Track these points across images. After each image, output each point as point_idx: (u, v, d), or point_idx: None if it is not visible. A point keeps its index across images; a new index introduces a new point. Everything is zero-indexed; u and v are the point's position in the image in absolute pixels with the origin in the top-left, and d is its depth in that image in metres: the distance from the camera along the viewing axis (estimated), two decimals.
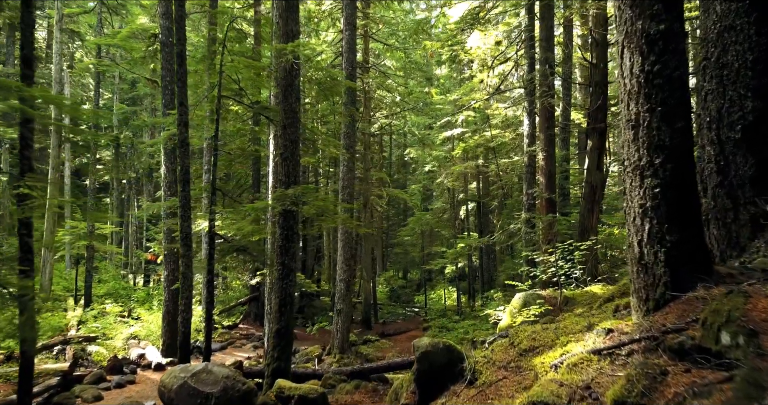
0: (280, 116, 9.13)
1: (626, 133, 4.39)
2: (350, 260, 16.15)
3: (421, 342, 6.07)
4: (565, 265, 10.81)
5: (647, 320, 3.95)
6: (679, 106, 4.13)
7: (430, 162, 26.54)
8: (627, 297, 7.31)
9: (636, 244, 4.27)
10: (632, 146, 4.30)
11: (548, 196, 14.45)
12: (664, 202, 4.10)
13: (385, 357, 16.95)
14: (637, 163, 4.26)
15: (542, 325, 6.21)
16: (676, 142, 4.10)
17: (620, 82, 4.51)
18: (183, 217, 10.23)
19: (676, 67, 4.14)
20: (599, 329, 4.27)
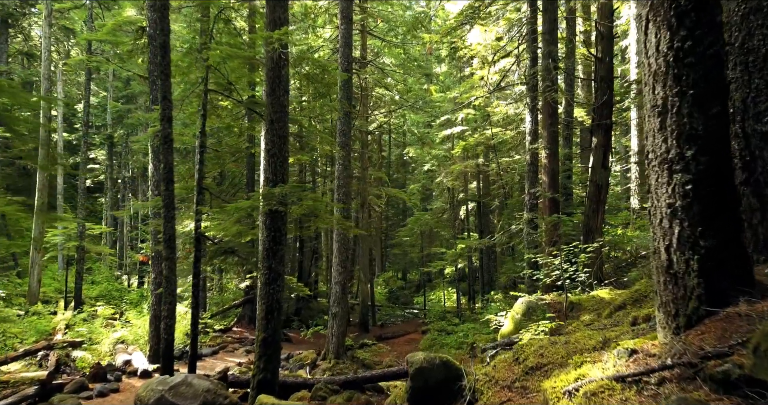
0: (267, 110, 8.52)
1: (651, 121, 3.77)
2: (346, 262, 15.53)
3: (415, 357, 5.45)
4: (570, 268, 10.18)
5: (679, 341, 3.33)
6: (713, 89, 3.51)
7: (429, 161, 25.93)
8: (642, 305, 6.69)
9: (663, 250, 3.65)
10: (658, 136, 3.69)
11: (551, 196, 13.83)
12: (696, 201, 3.49)
13: (382, 362, 16.35)
14: (664, 156, 3.64)
15: (550, 338, 5.59)
16: (711, 131, 3.49)
17: (644, 62, 3.89)
18: (166, 217, 9.62)
19: (711, 43, 3.52)
20: (621, 350, 3.64)
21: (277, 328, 8.29)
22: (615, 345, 3.99)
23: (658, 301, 3.76)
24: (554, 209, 13.94)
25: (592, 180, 13.80)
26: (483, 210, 26.47)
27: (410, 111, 26.38)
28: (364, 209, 21.81)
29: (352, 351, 16.66)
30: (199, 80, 10.89)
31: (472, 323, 18.82)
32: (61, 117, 25.97)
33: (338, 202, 15.51)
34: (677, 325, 3.55)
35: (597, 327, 5.76)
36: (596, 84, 13.71)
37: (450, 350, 16.85)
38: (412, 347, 19.39)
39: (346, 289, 15.53)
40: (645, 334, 4.19)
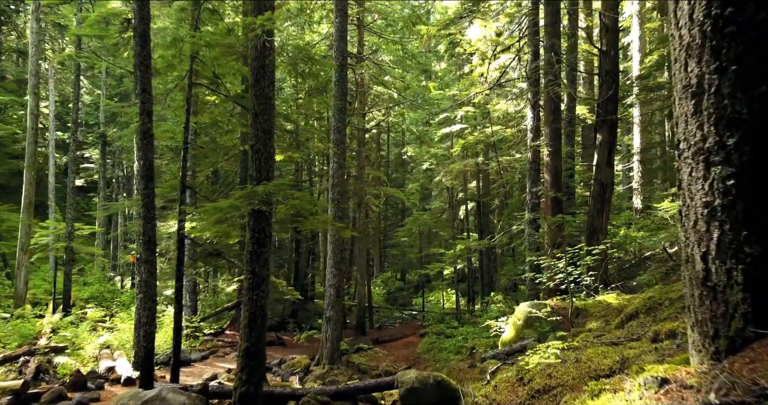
0: (251, 103, 7.90)
1: (683, 105, 3.15)
2: (341, 264, 14.92)
3: (406, 376, 4.85)
4: (574, 271, 9.57)
5: (722, 370, 2.71)
6: (761, 63, 2.89)
7: (427, 160, 25.31)
8: (656, 315, 6.08)
9: (699, 258, 3.03)
10: (692, 122, 3.07)
11: (554, 195, 13.21)
12: (740, 199, 2.87)
13: (378, 367, 15.72)
14: (700, 146, 3.02)
15: (557, 352, 4.97)
16: (758, 114, 2.86)
17: (673, 35, 3.28)
18: (146, 217, 9.00)
19: (758, 7, 2.90)
20: (648, 378, 3.02)
21: (261, 337, 7.67)
22: (637, 368, 3.38)
23: (691, 319, 3.14)
24: (557, 209, 13.33)
25: (596, 178, 13.20)
26: (483, 210, 25.85)
27: (409, 109, 25.76)
28: (361, 209, 21.20)
29: (347, 356, 16.04)
30: (184, 73, 10.28)
31: (471, 326, 18.20)
32: (52, 115, 25.34)
33: (333, 201, 14.90)
34: (716, 349, 2.93)
35: (609, 340, 5.15)
36: (601, 78, 13.11)
37: (448, 355, 16.24)
38: (410, 351, 18.77)
39: (341, 291, 14.92)
40: (672, 355, 3.57)
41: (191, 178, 17.24)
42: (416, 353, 18.29)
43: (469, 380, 7.10)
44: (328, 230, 14.96)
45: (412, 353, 18.41)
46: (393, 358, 17.38)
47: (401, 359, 17.45)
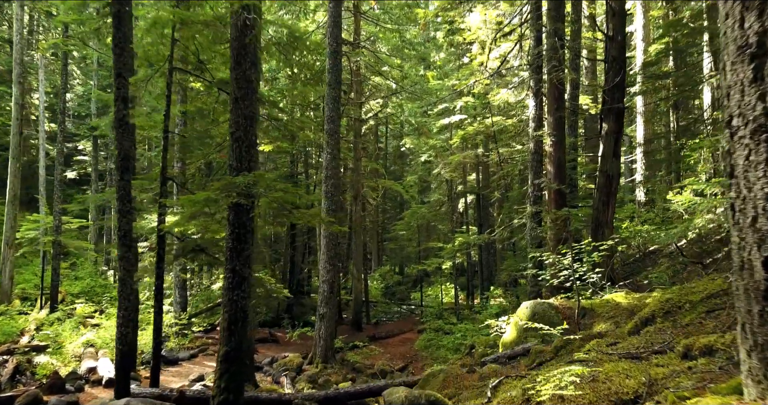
0: (231, 87, 7.23)
1: (737, 71, 2.48)
2: (335, 259, 14.28)
3: (394, 394, 4.26)
4: (580, 267, 8.91)
5: None
6: None
7: (426, 151, 24.61)
8: (675, 319, 5.44)
9: (759, 264, 2.38)
10: (750, 92, 2.40)
11: (557, 188, 12.55)
12: None
13: (374, 365, 15.12)
14: (761, 122, 2.36)
15: (566, 366, 4.32)
16: None
17: None
18: (121, 211, 8.35)
19: None
20: None
21: (241, 341, 7.03)
22: (673, 398, 2.73)
23: (747, 341, 2.48)
24: (561, 202, 12.67)
25: (601, 170, 12.53)
26: (483, 203, 25.19)
27: (407, 99, 25.01)
28: (358, 202, 20.54)
29: (341, 353, 15.45)
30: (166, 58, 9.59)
31: (470, 323, 17.58)
32: (42, 106, 24.61)
33: (327, 194, 14.24)
34: None
35: (627, 351, 4.50)
36: (607, 64, 12.40)
37: (446, 353, 15.65)
38: (407, 348, 18.18)
39: (335, 288, 14.30)
40: (714, 380, 2.92)
41: (180, 170, 16.57)
42: (413, 350, 17.69)
43: (467, 390, 6.47)
44: (321, 225, 14.33)
45: (409, 350, 17.82)
46: (389, 355, 16.79)
47: (398, 357, 16.85)
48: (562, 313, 8.64)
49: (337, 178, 14.48)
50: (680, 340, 4.63)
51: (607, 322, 7.74)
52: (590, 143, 21.19)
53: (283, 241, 28.08)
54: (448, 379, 7.39)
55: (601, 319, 8.07)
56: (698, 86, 17.86)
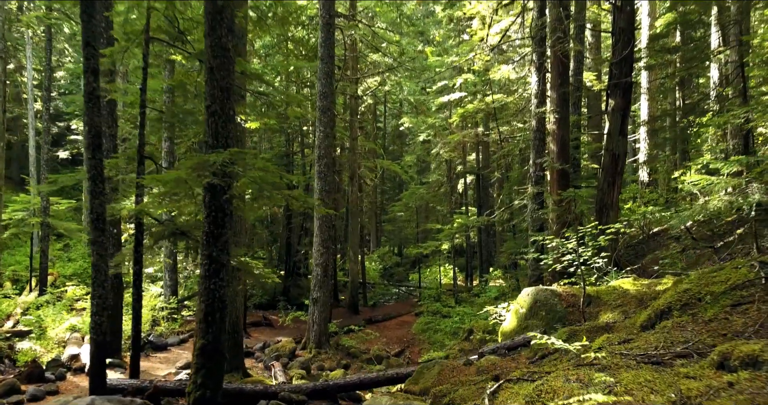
0: (206, 55, 6.53)
1: None
2: (328, 242, 13.69)
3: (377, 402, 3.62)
4: (585, 251, 8.30)
5: None
6: None
7: (425, 131, 23.86)
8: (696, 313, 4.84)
9: None
10: None
11: (561, 167, 11.90)
12: None
13: (369, 350, 14.65)
14: None
15: (575, 370, 3.73)
16: None
17: None
18: (93, 192, 7.71)
19: None
20: None
21: (219, 334, 6.45)
22: None
23: None
24: (563, 183, 12.03)
25: (607, 149, 11.88)
26: (482, 183, 24.54)
27: (405, 78, 24.18)
28: (354, 182, 19.90)
29: (336, 337, 14.98)
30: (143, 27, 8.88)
31: (468, 306, 17.10)
32: (30, 84, 23.80)
33: (319, 174, 13.61)
34: None
35: (645, 352, 3.91)
36: (615, 36, 11.64)
37: (444, 337, 15.19)
38: (404, 331, 17.72)
39: (329, 271, 13.75)
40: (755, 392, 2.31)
41: (168, 149, 15.90)
42: (410, 334, 17.24)
43: (463, 386, 5.91)
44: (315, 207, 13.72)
45: (406, 334, 17.37)
46: (386, 339, 16.33)
47: (395, 341, 16.40)
48: (566, 300, 8.06)
49: (331, 158, 13.82)
50: (704, 338, 4.04)
51: (615, 311, 7.16)
52: (593, 122, 20.46)
53: (279, 221, 27.52)
54: (443, 373, 6.85)
55: (607, 307, 7.49)
56: (706, 62, 17.06)
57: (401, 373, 7.88)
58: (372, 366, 13.27)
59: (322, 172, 13.56)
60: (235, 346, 10.83)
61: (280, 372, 11.56)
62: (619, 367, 3.54)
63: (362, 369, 13.17)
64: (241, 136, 10.87)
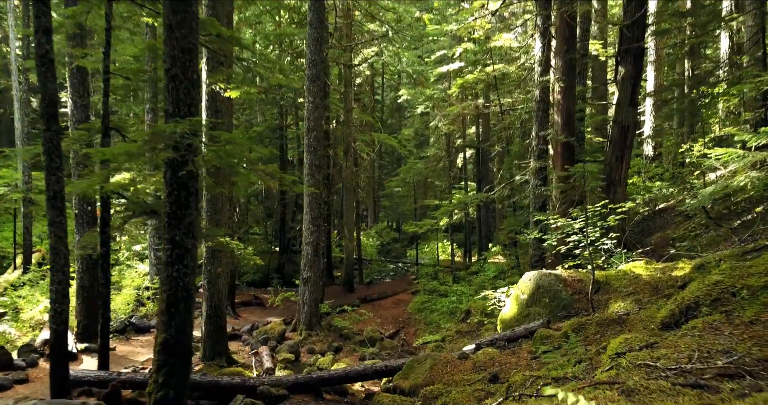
0: (164, 12, 5.64)
1: None
2: (318, 219, 12.92)
3: None
4: (593, 232, 7.53)
5: None
6: None
7: (423, 103, 22.85)
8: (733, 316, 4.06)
9: None
10: None
11: (566, 140, 11.04)
12: None
13: (362, 331, 14.01)
14: None
15: (590, 389, 2.99)
16: None
17: None
18: (49, 168, 6.90)
19: None
20: None
21: (185, 326, 5.72)
22: None
23: None
24: (568, 157, 11.20)
25: (616, 120, 11.03)
26: (482, 157, 23.65)
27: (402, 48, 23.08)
28: (349, 157, 19.03)
29: (329, 318, 14.33)
30: None
31: (466, 285, 16.42)
32: (14, 53, 22.69)
33: (309, 148, 12.76)
34: None
35: (678, 366, 3.15)
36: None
37: (440, 318, 14.55)
38: (400, 311, 17.09)
39: (320, 250, 13.02)
40: None
41: (151, 121, 15.02)
42: (406, 313, 16.61)
43: (457, 386, 5.20)
44: (305, 181, 12.92)
45: (401, 313, 16.74)
46: (380, 319, 15.70)
47: (389, 321, 15.77)
48: (571, 286, 7.32)
49: (321, 130, 12.95)
50: (749, 347, 3.28)
51: (627, 299, 6.42)
52: (598, 93, 19.50)
53: (275, 197, 26.73)
54: (436, 368, 6.15)
55: (618, 295, 6.75)
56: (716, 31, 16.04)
57: (390, 366, 7.18)
58: (364, 349, 12.64)
59: (311, 145, 12.71)
60: (218, 331, 10.18)
61: (267, 357, 10.92)
62: (650, 391, 2.79)
63: (354, 352, 12.56)
64: (221, 106, 10.01)
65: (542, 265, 11.16)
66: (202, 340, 10.24)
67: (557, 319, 6.91)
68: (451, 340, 12.68)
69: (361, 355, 12.26)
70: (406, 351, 12.84)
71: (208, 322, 10.09)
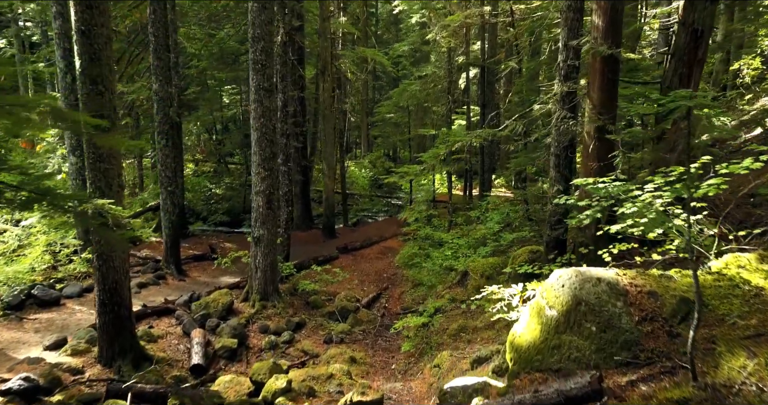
0: None
1: None
2: (271, 161, 9.63)
3: None
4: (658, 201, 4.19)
5: None
6: None
7: (418, 11, 18.67)
8: None
9: None
10: None
11: (609, 52, 7.45)
12: None
13: (335, 297, 11.15)
14: None
15: None
16: None
17: None
18: None
19: None
20: None
21: None
22: None
23: None
24: (611, 78, 7.66)
25: (684, 22, 7.45)
26: (488, 78, 19.80)
27: None
28: (326, 77, 15.38)
29: (292, 281, 11.40)
30: None
31: (464, 235, 13.31)
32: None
33: (254, 64, 9.25)
34: None
35: None
36: None
37: (433, 277, 11.63)
38: (385, 263, 14.20)
39: (273, 201, 9.83)
40: None
41: None
42: (392, 268, 13.74)
43: None
44: (251, 106, 9.51)
45: (387, 267, 13.87)
46: (360, 278, 12.84)
47: (371, 278, 12.90)
48: (637, 305, 4.16)
49: (270, 41, 9.33)
50: None
51: (753, 347, 3.28)
52: None
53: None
54: None
55: (731, 333, 3.61)
56: None
57: None
58: (333, 325, 9.82)
59: (258, 60, 9.18)
60: (117, 322, 7.23)
61: (199, 347, 8.11)
62: None
63: (320, 329, 9.74)
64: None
65: (563, 230, 7.99)
66: (98, 337, 7.34)
67: (614, 369, 3.84)
68: (444, 313, 9.82)
69: (327, 335, 9.45)
70: (387, 326, 10.02)
71: (103, 312, 7.13)
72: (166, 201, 11.40)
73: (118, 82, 14.09)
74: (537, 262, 8.82)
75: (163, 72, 10.91)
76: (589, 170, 7.61)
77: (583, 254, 6.71)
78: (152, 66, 10.94)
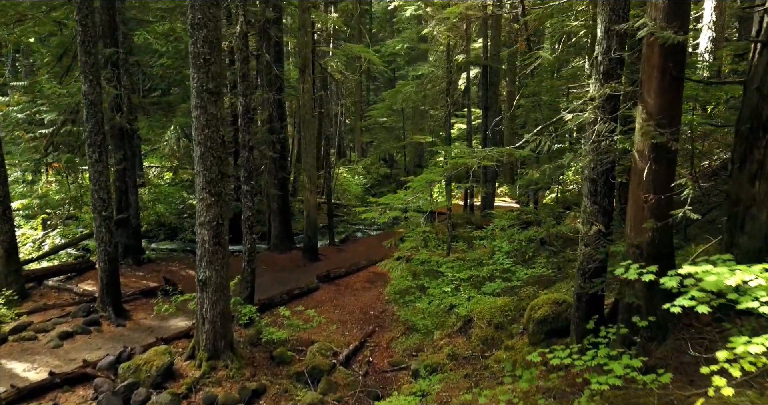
0: None
1: None
2: (219, 184, 7.34)
3: None
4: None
5: None
6: None
7: (413, 2, 16.37)
8: None
9: None
10: None
11: (674, 41, 5.12)
12: None
13: (306, 348, 8.89)
14: None
15: None
16: None
17: None
18: None
19: None
20: None
21: None
22: None
23: None
24: (675, 76, 5.34)
25: None
26: (490, 78, 17.54)
27: None
28: (307, 76, 13.09)
29: (256, 326, 9.10)
30: None
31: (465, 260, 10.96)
32: None
33: (196, 58, 6.97)
34: None
35: None
36: None
37: (430, 319, 9.36)
38: (373, 296, 11.90)
39: (221, 234, 7.54)
40: None
41: None
42: (381, 302, 11.46)
43: None
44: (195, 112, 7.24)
45: (375, 301, 11.57)
46: (342, 316, 10.54)
47: (355, 319, 10.56)
48: None
49: (215, 28, 7.04)
50: None
51: None
52: None
53: None
54: None
55: None
56: None
57: None
58: (301, 392, 7.53)
59: (200, 53, 6.91)
60: None
61: None
62: None
63: (284, 396, 7.46)
64: None
65: (602, 283, 5.70)
66: None
67: None
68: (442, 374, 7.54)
69: None
70: (370, 392, 7.70)
71: None
72: (100, 228, 9.09)
73: (56, 82, 11.84)
74: (563, 319, 6.61)
75: (92, 70, 8.62)
76: (641, 205, 5.33)
77: (639, 327, 4.56)
78: (80, 62, 8.65)
